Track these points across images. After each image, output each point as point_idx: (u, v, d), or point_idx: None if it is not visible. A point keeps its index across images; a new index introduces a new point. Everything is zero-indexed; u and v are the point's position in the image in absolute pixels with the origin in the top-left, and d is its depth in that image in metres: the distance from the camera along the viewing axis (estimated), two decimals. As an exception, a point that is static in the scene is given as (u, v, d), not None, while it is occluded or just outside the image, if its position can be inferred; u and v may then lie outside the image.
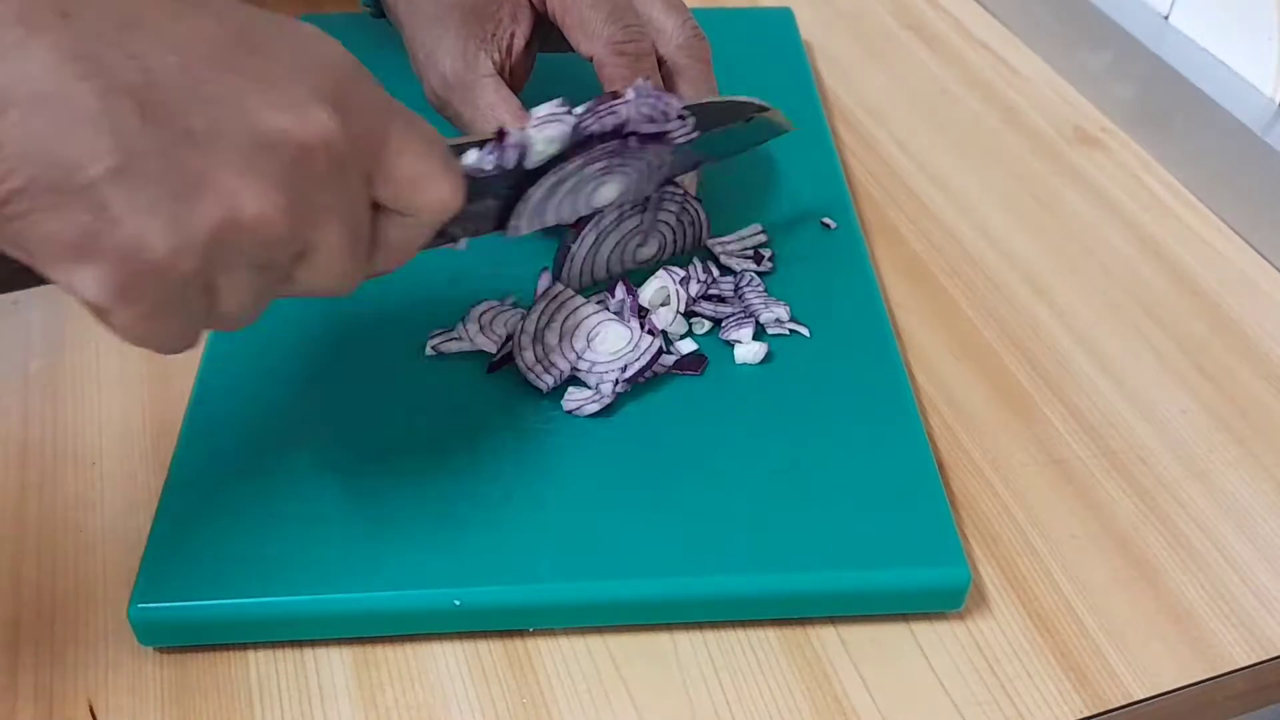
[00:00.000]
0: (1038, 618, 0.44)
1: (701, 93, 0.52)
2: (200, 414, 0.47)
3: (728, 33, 0.56)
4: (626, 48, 0.50)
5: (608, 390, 0.46)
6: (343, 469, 0.45)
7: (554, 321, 0.48)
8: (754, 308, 0.51)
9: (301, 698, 0.41)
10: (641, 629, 0.43)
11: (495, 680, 0.42)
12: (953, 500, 0.48)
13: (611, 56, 0.50)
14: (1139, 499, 0.48)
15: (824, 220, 0.57)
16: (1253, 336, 0.56)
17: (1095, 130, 0.68)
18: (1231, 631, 0.44)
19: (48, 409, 0.50)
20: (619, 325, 0.48)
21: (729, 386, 0.49)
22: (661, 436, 0.47)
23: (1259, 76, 0.62)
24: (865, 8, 0.78)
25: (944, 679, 0.42)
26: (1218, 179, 0.62)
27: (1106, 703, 0.42)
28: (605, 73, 0.50)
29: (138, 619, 0.41)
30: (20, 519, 0.46)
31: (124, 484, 0.47)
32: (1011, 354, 0.54)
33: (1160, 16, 0.67)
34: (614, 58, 0.50)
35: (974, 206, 0.62)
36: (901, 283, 0.57)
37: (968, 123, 0.68)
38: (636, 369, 0.47)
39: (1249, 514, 0.48)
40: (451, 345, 0.49)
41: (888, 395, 0.49)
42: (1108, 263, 0.59)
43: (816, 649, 0.43)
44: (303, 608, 0.41)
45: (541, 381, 0.47)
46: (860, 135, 0.67)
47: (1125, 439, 0.51)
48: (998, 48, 0.75)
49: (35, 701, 0.41)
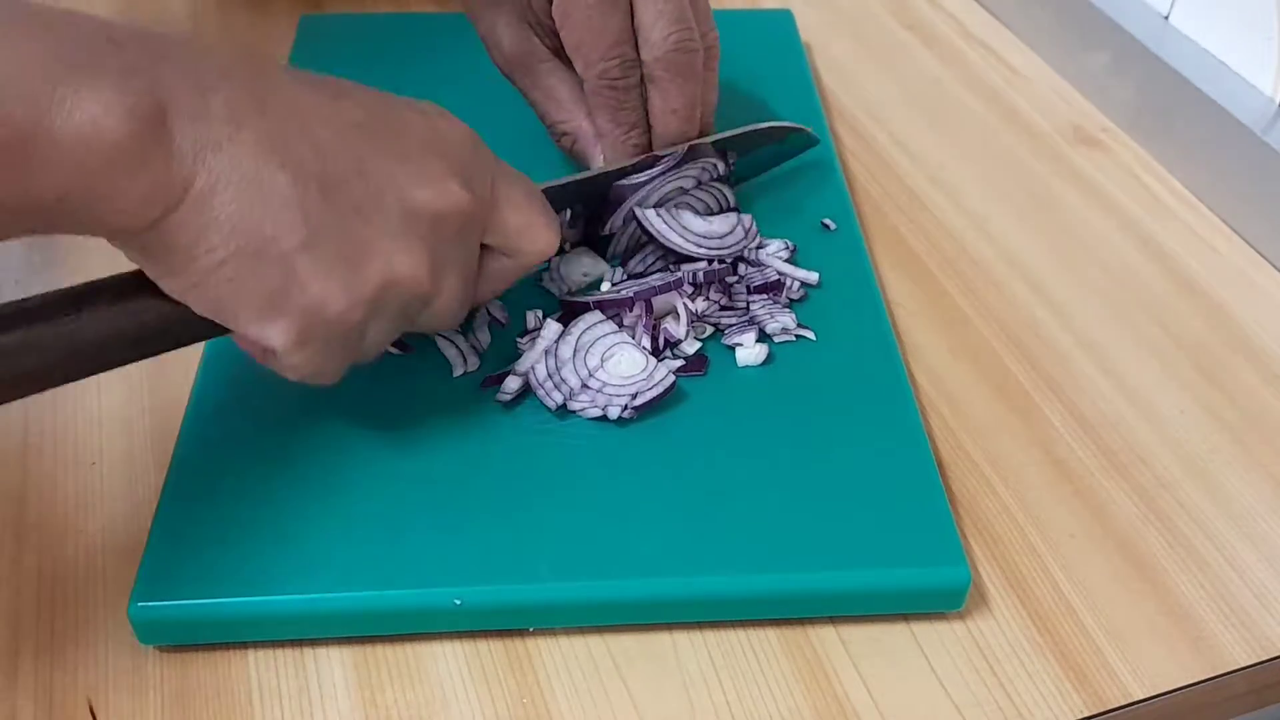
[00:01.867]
0: (1038, 618, 0.44)
1: (669, 105, 0.52)
2: (200, 414, 0.47)
3: (728, 34, 0.56)
4: (618, 83, 0.52)
5: (614, 414, 0.46)
6: (343, 469, 0.45)
7: (569, 335, 0.48)
8: (759, 318, 0.51)
9: (301, 698, 0.41)
10: (641, 629, 0.43)
11: (495, 680, 0.42)
12: (952, 500, 0.48)
13: (604, 90, 0.52)
14: (1139, 499, 0.48)
15: (824, 221, 0.57)
16: (1253, 336, 0.56)
17: (1095, 130, 0.68)
18: (1231, 631, 0.44)
19: (48, 409, 0.50)
20: (634, 350, 0.48)
21: (731, 387, 0.49)
22: (663, 437, 0.47)
23: (1259, 76, 0.62)
24: (865, 8, 0.78)
25: (944, 679, 0.42)
26: (1218, 179, 0.62)
27: (1106, 703, 0.42)
28: (594, 100, 0.53)
29: (138, 618, 0.41)
30: (20, 519, 0.46)
31: (124, 484, 0.47)
32: (1011, 354, 0.54)
33: (1160, 16, 0.67)
34: (605, 91, 0.52)
35: (974, 207, 0.62)
36: (901, 283, 0.57)
37: (968, 123, 0.68)
38: (646, 399, 0.46)
39: (1249, 514, 0.48)
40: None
41: (888, 395, 0.49)
42: (1108, 263, 0.59)
43: (816, 649, 0.43)
44: (304, 606, 0.41)
45: (551, 399, 0.47)
46: (860, 135, 0.67)
47: (1125, 439, 0.51)
48: (998, 48, 0.75)
49: (35, 701, 0.41)
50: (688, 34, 0.51)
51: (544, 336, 0.48)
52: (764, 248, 0.54)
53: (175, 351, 0.40)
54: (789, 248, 0.54)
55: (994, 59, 0.74)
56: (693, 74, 0.52)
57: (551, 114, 0.55)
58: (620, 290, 0.50)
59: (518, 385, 0.47)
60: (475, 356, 0.49)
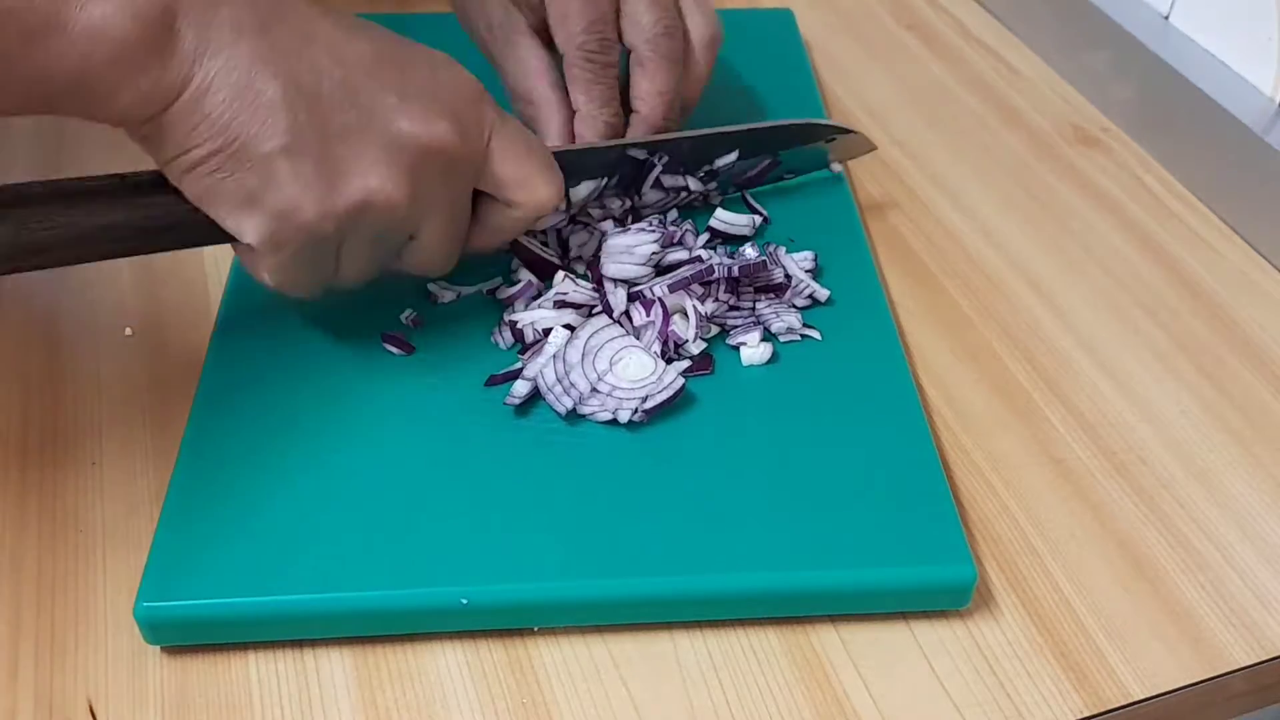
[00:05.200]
0: (1038, 618, 0.44)
1: (656, 86, 0.54)
2: (205, 415, 0.47)
3: (728, 34, 0.57)
4: (595, 57, 0.54)
5: (624, 417, 0.46)
6: (349, 469, 0.45)
7: (576, 339, 0.48)
8: (765, 317, 0.51)
9: (301, 698, 0.41)
10: (641, 629, 0.43)
11: (495, 680, 0.42)
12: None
13: (581, 62, 0.54)
14: (1139, 499, 0.48)
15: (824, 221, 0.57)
16: (1253, 336, 0.56)
17: (1095, 130, 0.68)
18: (1231, 631, 0.44)
19: (48, 409, 0.50)
20: (643, 355, 0.48)
21: (735, 387, 0.49)
22: (668, 436, 0.47)
23: (1259, 76, 0.62)
24: (865, 8, 0.78)
25: (944, 679, 0.42)
26: (1218, 179, 0.62)
27: (1106, 703, 0.42)
28: (571, 74, 0.54)
29: (144, 617, 0.41)
30: (20, 519, 0.46)
31: (124, 484, 0.47)
32: (1011, 354, 0.54)
33: (1160, 16, 0.67)
34: (583, 64, 0.54)
35: (974, 206, 0.62)
36: (902, 283, 0.57)
37: (968, 123, 0.68)
38: (657, 402, 0.46)
39: (1249, 514, 0.48)
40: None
41: (892, 394, 0.49)
42: (1108, 263, 0.59)
43: (816, 649, 0.43)
44: (313, 606, 0.41)
45: (560, 404, 0.47)
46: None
47: (1125, 439, 0.51)
48: (998, 48, 0.75)
49: (35, 701, 0.41)
50: (674, 20, 0.55)
51: (552, 341, 0.48)
52: (793, 253, 0.54)
53: (177, 354, 0.40)
54: (814, 259, 0.54)
55: (994, 59, 0.74)
56: (677, 59, 0.55)
57: (519, 80, 0.56)
58: (651, 285, 0.50)
59: (526, 389, 0.47)
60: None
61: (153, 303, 0.54)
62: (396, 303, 0.51)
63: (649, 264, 0.51)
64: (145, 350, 0.52)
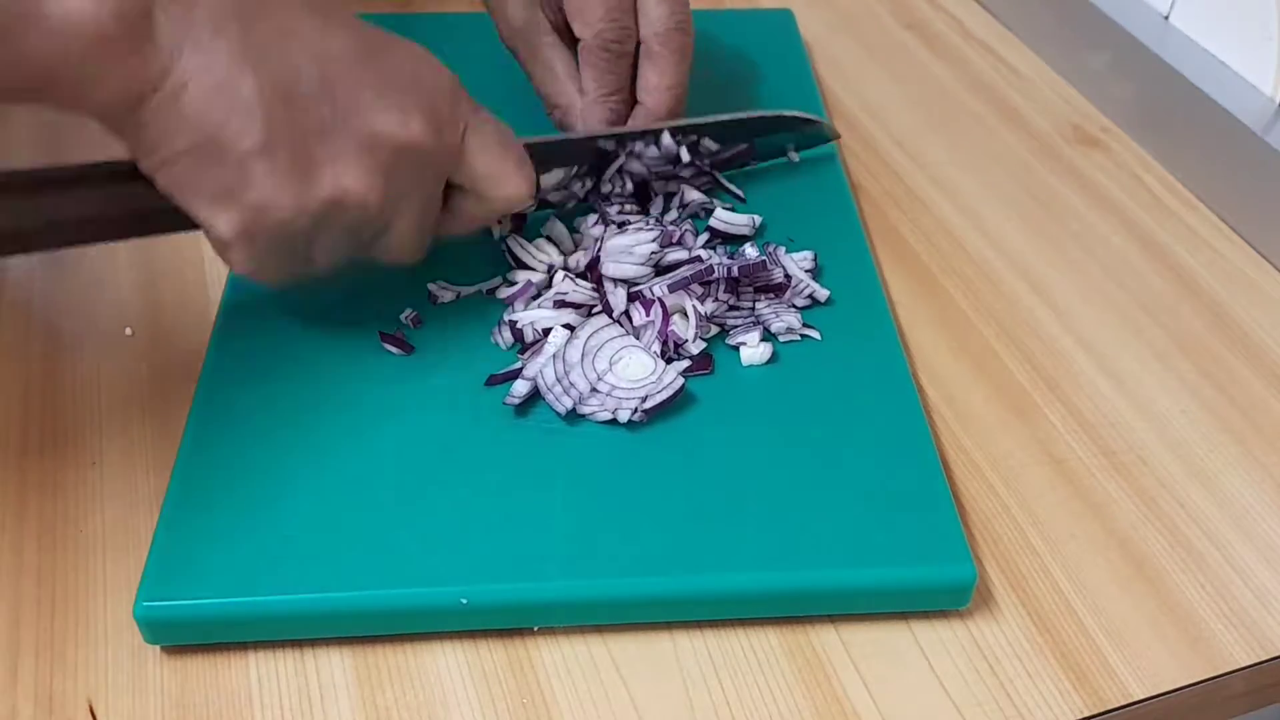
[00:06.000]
0: (1038, 618, 0.44)
1: (665, 81, 0.55)
2: (204, 414, 0.47)
3: (728, 34, 0.57)
4: (612, 46, 0.54)
5: (624, 417, 0.46)
6: (349, 469, 0.45)
7: (576, 338, 0.48)
8: (764, 317, 0.51)
9: (301, 698, 0.41)
10: (641, 629, 0.43)
11: (495, 680, 0.42)
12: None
13: (598, 50, 0.54)
14: (1139, 499, 0.48)
15: (824, 221, 0.57)
16: (1253, 336, 0.56)
17: (1095, 130, 0.68)
18: (1231, 631, 0.44)
19: (48, 409, 0.50)
20: (643, 355, 0.48)
21: (735, 387, 0.49)
22: (668, 436, 0.47)
23: (1259, 76, 0.62)
24: (865, 8, 0.78)
25: (944, 679, 0.42)
26: (1218, 179, 0.62)
27: (1106, 703, 0.42)
28: (586, 59, 0.54)
29: (144, 617, 0.41)
30: (20, 519, 0.46)
31: (124, 484, 0.47)
32: (1011, 354, 0.54)
33: (1160, 16, 0.67)
34: (600, 52, 0.54)
35: (974, 206, 0.62)
36: (901, 283, 0.57)
37: (968, 123, 0.68)
38: (657, 402, 0.46)
39: (1249, 514, 0.48)
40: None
41: (892, 393, 0.49)
42: (1108, 263, 0.59)
43: (816, 649, 0.43)
44: (313, 606, 0.41)
45: (560, 404, 0.47)
46: (860, 135, 0.67)
47: (1125, 439, 0.51)
48: (998, 48, 0.75)
49: (35, 701, 0.41)
50: (687, 16, 0.55)
51: (551, 341, 0.48)
52: (793, 253, 0.54)
53: (177, 355, 0.40)
54: (814, 259, 0.54)
55: (994, 59, 0.74)
56: (687, 54, 0.55)
57: (546, 86, 0.57)
58: (651, 285, 0.51)
59: (526, 389, 0.47)
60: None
61: (153, 303, 0.54)
62: (396, 302, 0.51)
63: (649, 264, 0.51)
64: (145, 350, 0.52)
